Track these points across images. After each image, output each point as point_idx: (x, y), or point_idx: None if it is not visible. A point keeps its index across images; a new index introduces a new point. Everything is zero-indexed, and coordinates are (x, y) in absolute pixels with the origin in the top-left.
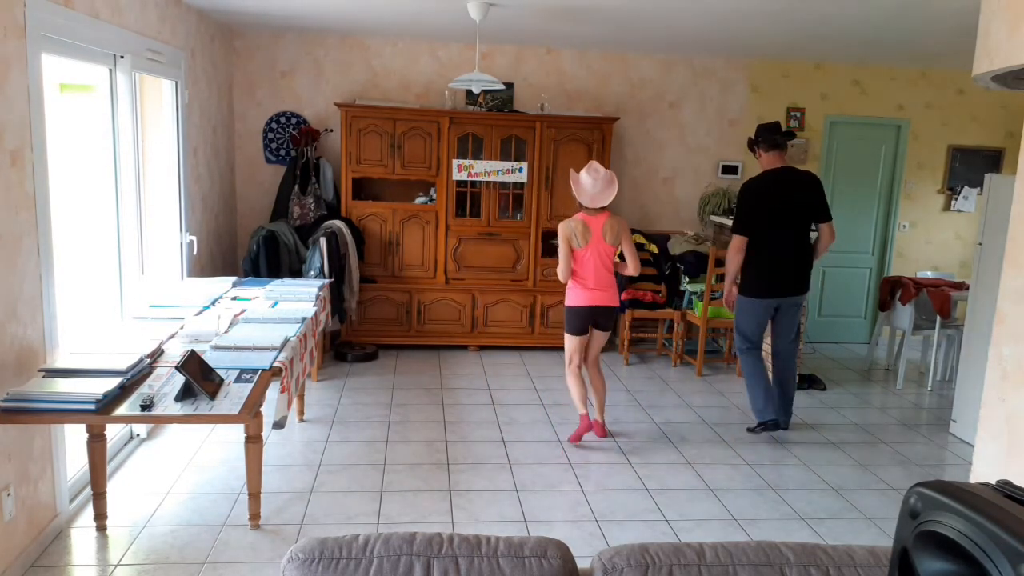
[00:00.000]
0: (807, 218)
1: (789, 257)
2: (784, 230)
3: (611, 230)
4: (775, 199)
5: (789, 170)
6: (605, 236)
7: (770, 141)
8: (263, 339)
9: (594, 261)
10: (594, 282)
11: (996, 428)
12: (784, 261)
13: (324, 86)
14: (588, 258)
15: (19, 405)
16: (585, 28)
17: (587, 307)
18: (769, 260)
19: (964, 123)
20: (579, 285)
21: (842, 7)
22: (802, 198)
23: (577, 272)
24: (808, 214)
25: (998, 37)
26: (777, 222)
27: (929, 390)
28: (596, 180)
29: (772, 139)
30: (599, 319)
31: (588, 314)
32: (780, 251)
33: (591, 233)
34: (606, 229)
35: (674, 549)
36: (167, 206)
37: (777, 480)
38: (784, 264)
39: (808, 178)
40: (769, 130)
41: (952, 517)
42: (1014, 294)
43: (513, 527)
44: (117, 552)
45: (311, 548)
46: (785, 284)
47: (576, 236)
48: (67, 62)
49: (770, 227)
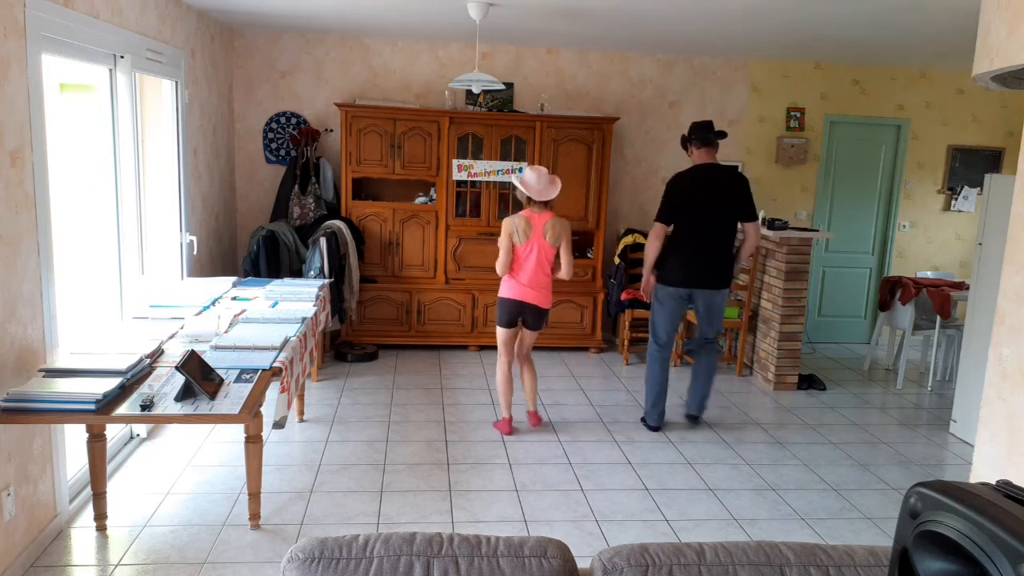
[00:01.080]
0: (729, 214)
1: (705, 249)
2: (704, 223)
3: (552, 229)
4: (698, 193)
5: (716, 166)
6: (546, 234)
7: (703, 138)
8: (263, 339)
9: (533, 258)
10: (528, 279)
11: (996, 428)
12: (700, 252)
13: (324, 86)
14: (527, 254)
15: (19, 405)
16: (585, 28)
17: (516, 301)
18: (684, 250)
19: (964, 123)
20: (513, 279)
21: (842, 7)
22: (725, 194)
23: (514, 267)
24: (731, 211)
25: (998, 37)
26: (698, 214)
27: (929, 390)
28: (540, 177)
29: (705, 136)
30: (527, 317)
31: (516, 309)
32: (697, 242)
33: (533, 230)
34: (547, 228)
35: (674, 549)
36: (167, 206)
37: (777, 480)
38: (699, 255)
39: (734, 176)
40: (702, 128)
41: (952, 517)
42: (1014, 294)
43: (513, 527)
44: (117, 552)
45: (311, 548)
46: (698, 275)
47: (518, 232)
48: (67, 62)
49: (690, 219)
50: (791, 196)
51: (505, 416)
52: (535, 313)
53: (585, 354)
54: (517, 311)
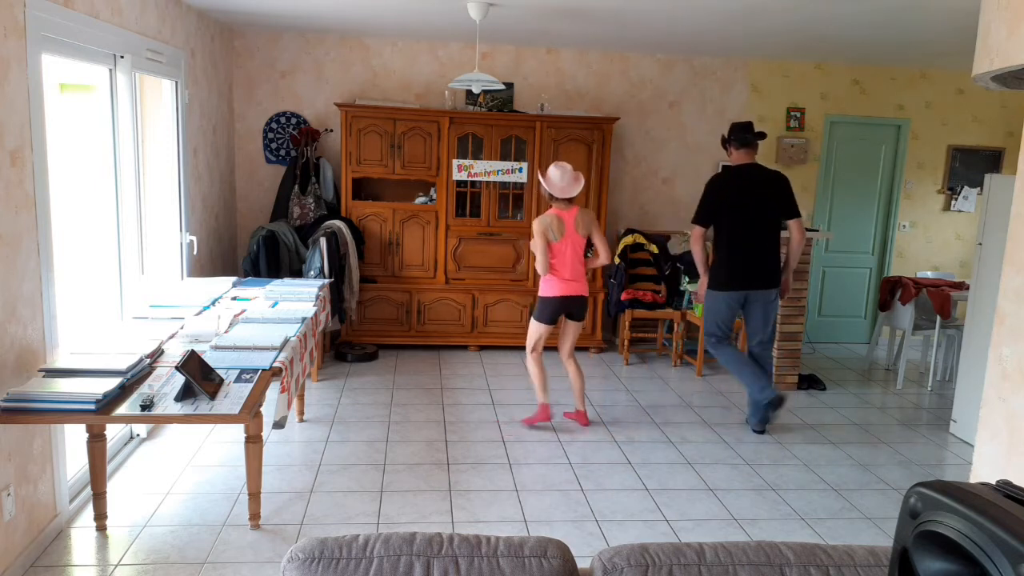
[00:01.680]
0: (772, 213)
1: (752, 250)
2: (747, 223)
3: (582, 222)
4: (738, 193)
5: (755, 166)
6: (578, 228)
7: (741, 139)
8: (263, 339)
9: (569, 253)
10: (570, 273)
11: (996, 428)
12: (746, 254)
13: (324, 86)
14: (564, 250)
15: (19, 405)
16: (585, 28)
17: (563, 297)
18: (731, 253)
19: (964, 123)
20: (556, 277)
21: (842, 7)
22: (766, 193)
23: (554, 265)
24: (773, 210)
25: (998, 37)
26: (740, 215)
27: (929, 390)
28: (564, 173)
29: (743, 137)
30: (574, 309)
31: (563, 305)
32: (743, 244)
33: (565, 226)
34: (578, 221)
35: (674, 549)
36: (167, 206)
37: (777, 480)
38: (746, 257)
39: (774, 175)
40: (741, 128)
41: (952, 517)
42: (1014, 294)
43: (513, 527)
44: (117, 552)
45: (311, 548)
46: (748, 276)
47: (552, 231)
48: (67, 62)
49: (732, 220)
50: None
51: (542, 401)
52: (580, 303)
53: (585, 354)
54: (562, 307)
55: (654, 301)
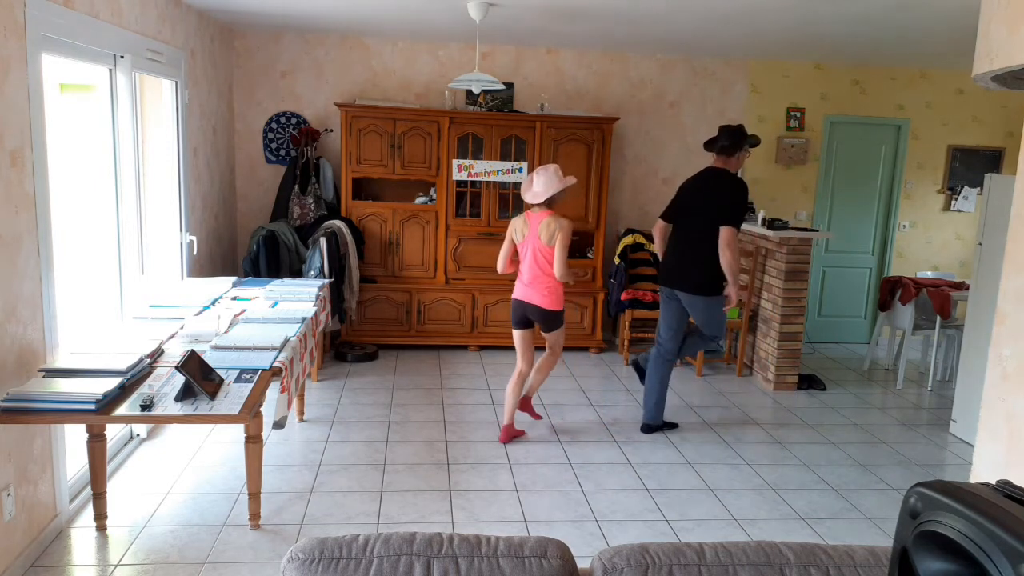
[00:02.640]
0: (704, 221)
1: (678, 251)
2: (685, 226)
3: (547, 228)
4: (689, 195)
5: (711, 172)
6: (540, 234)
7: (707, 143)
8: (263, 339)
9: (529, 256)
10: (527, 278)
11: (996, 428)
12: (674, 253)
13: (324, 86)
14: (524, 252)
15: (19, 405)
16: (585, 28)
17: (516, 300)
18: (668, 250)
19: (964, 123)
20: (518, 279)
21: (842, 7)
22: (705, 200)
23: (519, 266)
24: (707, 215)
25: (998, 37)
26: (681, 217)
27: (929, 390)
28: (538, 178)
29: (710, 141)
30: (530, 316)
31: (519, 308)
32: (674, 244)
33: (529, 228)
34: (542, 227)
35: (674, 549)
36: (167, 206)
37: (777, 480)
38: (674, 256)
39: (724, 183)
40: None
41: (952, 517)
42: (1014, 294)
43: (513, 527)
44: (117, 552)
45: (311, 548)
46: (670, 275)
47: (516, 231)
48: (67, 62)
49: (676, 220)
50: (791, 196)
51: (506, 423)
52: (536, 313)
53: (585, 354)
54: (520, 310)
55: (654, 301)
